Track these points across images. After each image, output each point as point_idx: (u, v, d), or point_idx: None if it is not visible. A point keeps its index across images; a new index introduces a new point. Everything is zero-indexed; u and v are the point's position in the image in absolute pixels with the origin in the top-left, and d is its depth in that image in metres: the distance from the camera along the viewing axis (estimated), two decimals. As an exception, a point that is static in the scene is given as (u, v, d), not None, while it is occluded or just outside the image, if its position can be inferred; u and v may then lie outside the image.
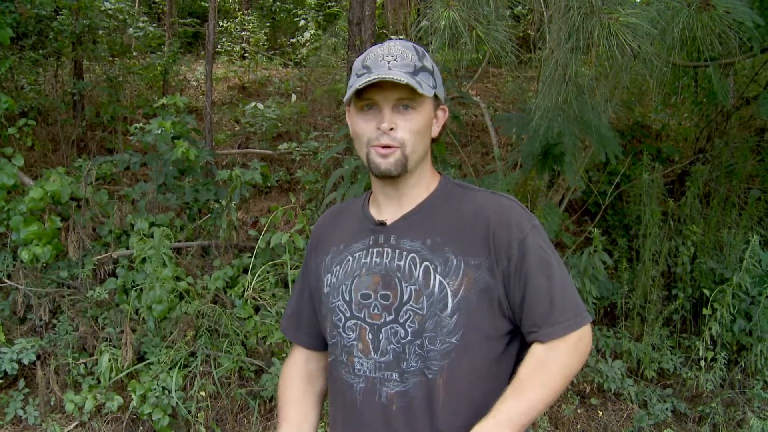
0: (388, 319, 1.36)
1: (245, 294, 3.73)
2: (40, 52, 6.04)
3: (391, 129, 1.34)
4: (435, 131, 1.44)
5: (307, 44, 8.71)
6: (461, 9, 2.00)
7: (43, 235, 3.69)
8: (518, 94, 6.39)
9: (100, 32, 6.04)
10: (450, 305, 1.33)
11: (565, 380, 1.35)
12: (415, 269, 1.36)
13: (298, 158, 5.77)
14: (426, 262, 1.35)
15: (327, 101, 7.20)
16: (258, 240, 4.03)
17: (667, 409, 3.57)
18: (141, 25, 6.02)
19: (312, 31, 8.71)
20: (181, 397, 3.23)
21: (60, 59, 6.18)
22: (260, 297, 3.75)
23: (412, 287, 1.35)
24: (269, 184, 5.23)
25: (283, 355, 3.44)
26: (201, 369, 3.30)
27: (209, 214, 4.46)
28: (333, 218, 1.57)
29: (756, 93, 4.72)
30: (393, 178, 1.38)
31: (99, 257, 3.81)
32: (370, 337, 1.38)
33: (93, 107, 6.09)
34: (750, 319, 3.78)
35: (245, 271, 3.99)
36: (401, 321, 1.35)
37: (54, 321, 3.63)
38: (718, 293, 3.69)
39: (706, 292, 3.79)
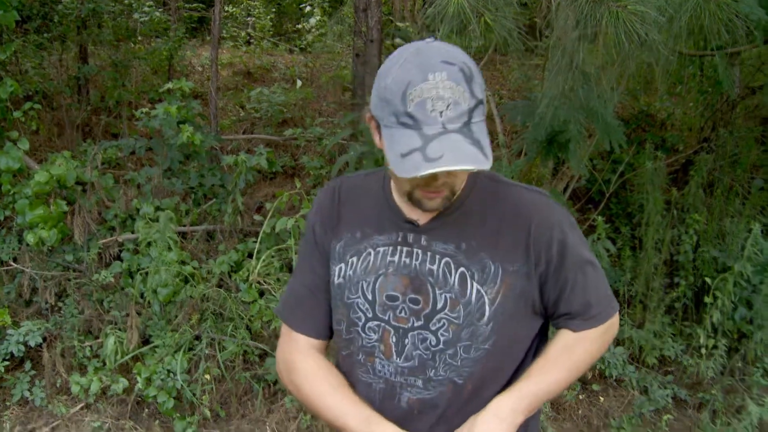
0: (416, 325, 1.29)
1: (250, 278, 3.76)
2: (45, 35, 6.04)
3: (442, 184, 1.22)
4: None
5: (313, 30, 8.69)
6: (470, -5, 2.02)
7: (48, 219, 3.71)
8: (523, 82, 6.38)
9: (106, 16, 6.03)
10: (487, 314, 1.27)
11: (589, 365, 1.39)
12: (450, 275, 1.28)
13: (303, 144, 5.78)
14: (462, 268, 1.28)
15: (332, 87, 7.19)
16: (263, 225, 4.06)
17: (667, 395, 3.60)
18: (147, 9, 6.01)
19: (318, 17, 8.69)
20: (185, 380, 3.27)
21: (65, 43, 6.18)
22: (265, 281, 3.77)
23: (447, 295, 1.28)
24: (274, 170, 5.25)
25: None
26: (206, 352, 3.33)
27: (214, 199, 4.49)
28: (346, 196, 1.42)
29: (761, 83, 4.71)
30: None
31: (104, 241, 3.83)
32: (394, 340, 1.31)
33: (98, 92, 6.10)
34: (751, 307, 3.80)
35: (250, 256, 4.01)
36: (432, 329, 1.29)
37: (60, 304, 3.66)
38: (720, 281, 3.71)
39: (708, 280, 3.81)
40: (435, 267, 1.29)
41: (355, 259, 1.35)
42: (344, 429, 1.32)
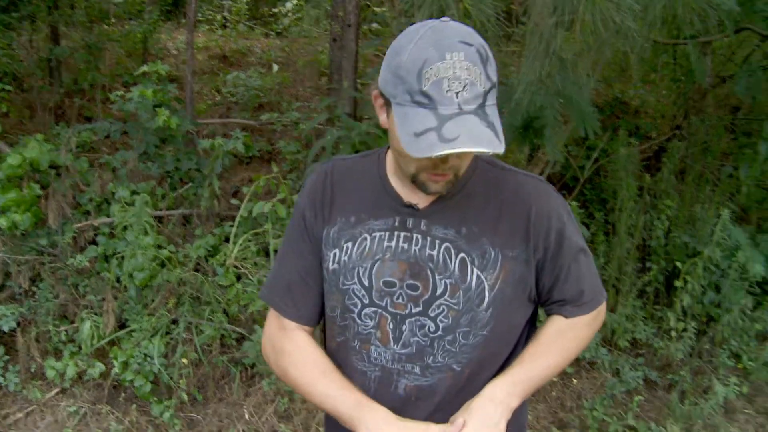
0: (414, 311, 1.28)
1: (227, 262, 3.75)
2: (14, 15, 5.91)
3: (450, 167, 1.21)
4: None
5: (289, 14, 8.63)
6: (447, -20, 2.03)
7: (21, 202, 3.66)
8: (500, 68, 6.42)
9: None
10: (486, 299, 1.27)
11: (580, 350, 1.42)
12: (451, 261, 1.26)
13: (279, 129, 5.76)
14: (462, 254, 1.27)
15: (309, 72, 7.16)
16: (240, 209, 4.05)
17: (638, 377, 3.68)
18: (120, -9, 5.94)
19: (294, 1, 8.63)
20: (163, 364, 3.26)
21: (35, 23, 6.05)
22: (242, 265, 3.77)
23: (448, 281, 1.26)
24: (250, 155, 5.23)
25: (265, 323, 3.47)
26: (183, 336, 3.33)
27: (190, 183, 4.46)
28: (339, 180, 1.38)
29: (732, 72, 4.80)
30: None
31: (79, 225, 3.80)
32: (391, 327, 1.29)
33: (70, 74, 6.00)
34: (719, 291, 3.90)
35: (227, 240, 4.00)
36: (432, 315, 1.27)
37: (34, 288, 3.63)
38: (690, 266, 3.80)
39: (679, 264, 3.90)
40: (435, 252, 1.27)
41: (350, 244, 1.32)
42: (334, 413, 1.31)
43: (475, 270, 1.26)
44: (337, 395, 1.30)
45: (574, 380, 3.70)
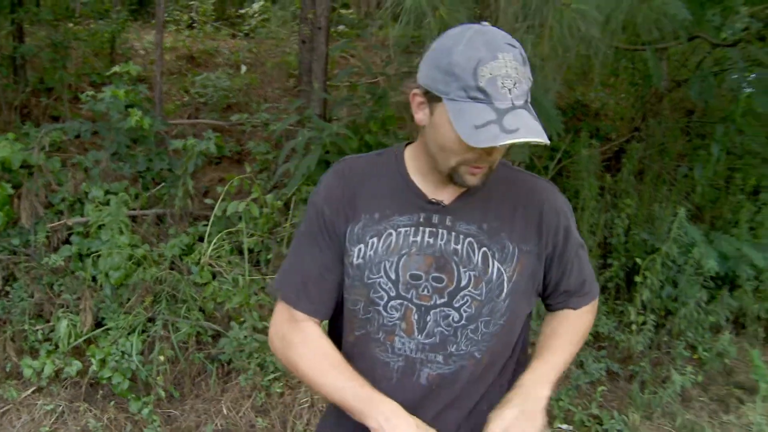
0: (438, 302, 1.35)
1: (201, 261, 3.81)
2: (-24, 12, 5.83)
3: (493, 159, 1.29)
4: None
5: (256, 15, 8.66)
6: (425, -10, 2.15)
7: (-7, 202, 3.67)
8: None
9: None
10: (505, 290, 1.35)
11: (585, 338, 1.55)
12: (474, 255, 1.35)
13: (249, 129, 5.80)
14: (484, 248, 1.35)
15: (277, 74, 7.22)
16: (213, 209, 4.10)
17: (601, 368, 3.84)
18: (88, -10, 5.91)
19: (261, 3, 8.66)
20: (140, 361, 3.30)
21: (-3, 20, 5.97)
22: (217, 264, 3.83)
23: (471, 273, 1.34)
24: (220, 155, 5.27)
25: (242, 319, 3.54)
26: (161, 333, 3.38)
27: (163, 183, 4.49)
28: (360, 178, 1.43)
29: (686, 77, 5.02)
30: None
31: (53, 225, 3.81)
32: (416, 317, 1.35)
33: (36, 73, 5.95)
34: (676, 285, 4.09)
35: (200, 239, 4.06)
36: (456, 305, 1.35)
37: (7, 288, 3.63)
38: (649, 262, 3.98)
39: (639, 260, 4.08)
40: (459, 246, 1.35)
41: (375, 239, 1.37)
42: (344, 404, 1.34)
43: (495, 263, 1.35)
44: (347, 387, 1.33)
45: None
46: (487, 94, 1.17)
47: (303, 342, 1.42)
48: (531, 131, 1.16)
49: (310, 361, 1.40)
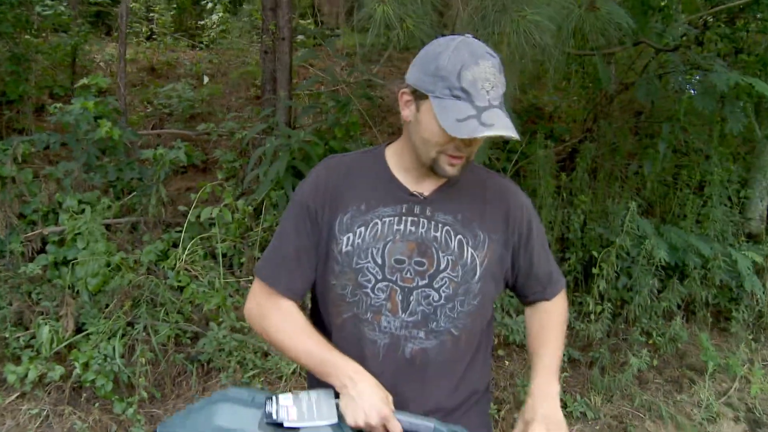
0: (420, 284, 1.51)
1: (177, 266, 3.91)
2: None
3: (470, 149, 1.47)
4: None
5: (215, 27, 8.74)
6: (393, 4, 2.33)
7: (-33, 214, 3.71)
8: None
9: (3, 6, 5.86)
10: (478, 273, 1.53)
11: (566, 320, 1.74)
12: (451, 241, 1.52)
13: (214, 138, 5.90)
14: (459, 236, 1.53)
15: (239, 83, 7.32)
16: (186, 215, 4.21)
17: (564, 356, 4.05)
18: (50, 3, 5.91)
19: (220, 14, 8.74)
20: (122, 364, 3.39)
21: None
22: (192, 268, 3.94)
23: (449, 257, 1.51)
24: (185, 165, 5.35)
25: (221, 320, 3.66)
26: (143, 336, 3.47)
27: (133, 193, 4.57)
28: (345, 174, 1.59)
29: (633, 80, 5.30)
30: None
31: (28, 234, 3.87)
32: (400, 298, 1.51)
33: (-2, 86, 5.94)
34: (630, 276, 4.33)
35: (174, 246, 4.15)
36: (436, 286, 1.51)
37: (-15, 298, 3.67)
38: (605, 255, 4.21)
39: (595, 254, 4.31)
40: (438, 234, 1.52)
41: (363, 228, 1.52)
42: (311, 366, 1.52)
43: (469, 249, 1.53)
44: (314, 351, 1.51)
45: (506, 362, 4.05)
46: (468, 94, 1.36)
47: (277, 313, 1.58)
48: (505, 127, 1.35)
49: (283, 330, 1.56)
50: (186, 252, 3.94)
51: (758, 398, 4.08)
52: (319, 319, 1.67)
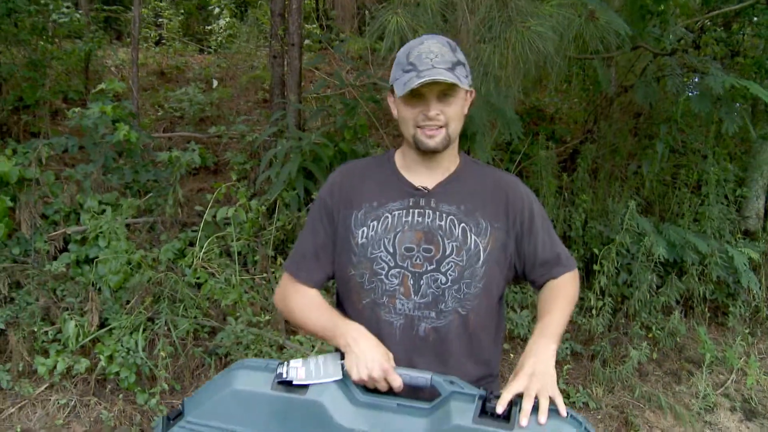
0: (429, 268, 1.66)
1: (194, 264, 4.07)
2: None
3: (437, 114, 1.63)
4: (465, 109, 1.71)
5: (222, 31, 8.91)
6: (407, 16, 2.49)
7: (-5, 215, 3.87)
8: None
9: (21, 15, 6.03)
10: (482, 258, 1.67)
11: (575, 301, 1.82)
12: (455, 229, 1.67)
13: (225, 141, 6.06)
14: (463, 224, 1.68)
15: (249, 87, 7.48)
16: (201, 215, 4.37)
17: (566, 349, 4.22)
18: (66, 11, 6.07)
19: (227, 19, 8.91)
20: (144, 357, 3.55)
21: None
22: (208, 266, 4.10)
23: (454, 243, 1.66)
24: (197, 167, 5.50)
25: (238, 314, 3.82)
26: (163, 330, 3.63)
27: (149, 193, 4.73)
28: (360, 175, 1.79)
29: (632, 83, 5.44)
30: (436, 152, 1.68)
31: (52, 234, 4.03)
32: (412, 282, 1.66)
33: (15, 91, 6.11)
34: (630, 272, 4.48)
35: (191, 244, 4.32)
36: (443, 270, 1.66)
37: (12, 294, 3.83)
38: (605, 252, 4.36)
39: (596, 251, 4.46)
40: (443, 223, 1.68)
41: (375, 222, 1.70)
42: (322, 333, 1.70)
43: (472, 236, 1.68)
44: (325, 318, 1.70)
45: (512, 355, 4.20)
46: (414, 65, 1.60)
47: (296, 295, 1.80)
48: (438, 74, 1.55)
49: (300, 307, 1.78)
50: (203, 250, 4.10)
51: (754, 389, 4.23)
52: (342, 309, 1.83)
